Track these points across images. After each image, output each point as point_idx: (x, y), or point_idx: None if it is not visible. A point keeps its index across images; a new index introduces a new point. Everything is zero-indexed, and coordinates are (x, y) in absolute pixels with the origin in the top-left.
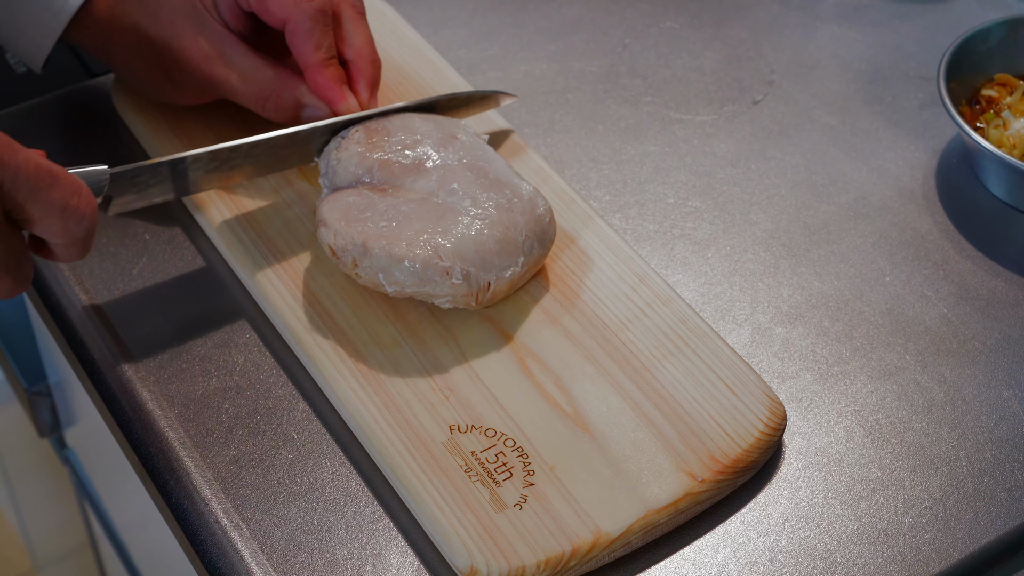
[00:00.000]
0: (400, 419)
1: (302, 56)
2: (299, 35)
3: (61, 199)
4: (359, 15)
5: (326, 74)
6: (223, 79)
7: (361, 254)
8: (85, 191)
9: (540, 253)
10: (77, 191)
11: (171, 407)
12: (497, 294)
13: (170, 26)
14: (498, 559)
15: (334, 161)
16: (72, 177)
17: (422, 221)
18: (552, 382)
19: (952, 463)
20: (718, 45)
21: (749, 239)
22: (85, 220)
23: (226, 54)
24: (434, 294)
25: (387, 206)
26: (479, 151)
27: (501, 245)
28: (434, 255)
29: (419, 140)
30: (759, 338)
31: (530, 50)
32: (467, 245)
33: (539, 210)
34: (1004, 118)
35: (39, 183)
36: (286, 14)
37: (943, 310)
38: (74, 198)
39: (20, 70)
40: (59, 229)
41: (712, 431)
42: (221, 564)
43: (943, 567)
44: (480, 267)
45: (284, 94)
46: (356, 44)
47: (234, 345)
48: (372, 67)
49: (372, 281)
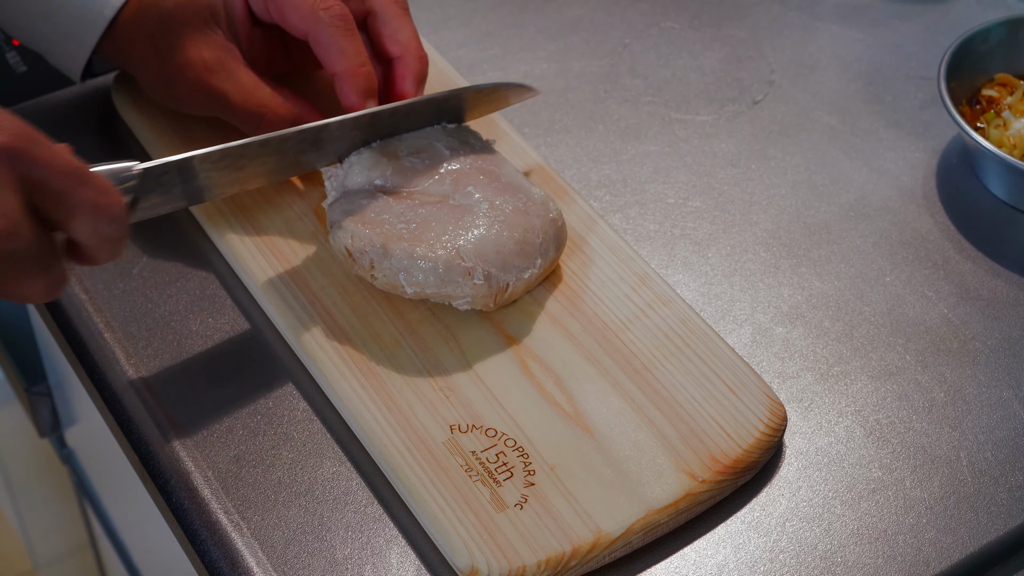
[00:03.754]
0: (401, 419)
1: (327, 65)
2: (322, 44)
3: (91, 198)
4: (403, 11)
5: (351, 84)
6: (219, 92)
7: (380, 256)
8: (114, 191)
9: (554, 255)
10: (107, 190)
11: (171, 407)
12: (514, 295)
13: (177, 36)
14: (499, 559)
15: (346, 164)
16: (100, 177)
17: (441, 223)
18: (553, 382)
19: (952, 463)
20: (718, 45)
21: (749, 239)
22: (116, 220)
23: (227, 68)
24: (454, 295)
25: (404, 208)
26: (490, 156)
27: (520, 246)
28: (456, 256)
29: (431, 144)
30: (759, 338)
31: (530, 50)
32: (487, 246)
33: (552, 213)
34: (1004, 118)
35: (69, 181)
36: (306, 24)
37: (943, 310)
38: (104, 197)
39: (20, 70)
40: (90, 229)
41: (712, 431)
42: (221, 564)
43: (943, 567)
44: (501, 268)
45: (280, 112)
46: (402, 40)
47: (234, 344)
48: (419, 63)
49: (391, 283)
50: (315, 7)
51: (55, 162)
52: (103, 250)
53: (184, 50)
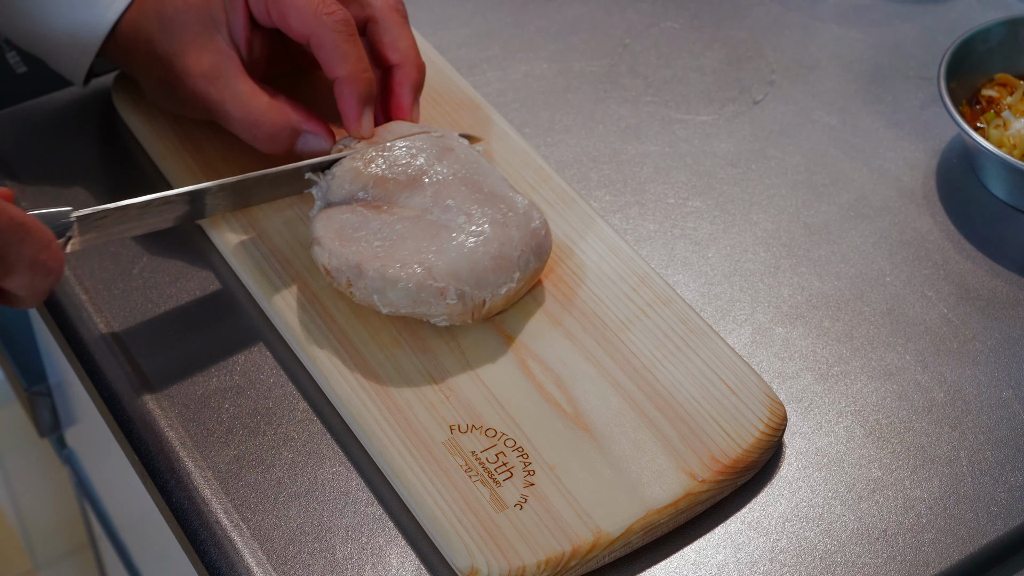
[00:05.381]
0: (400, 419)
1: (328, 70)
2: (324, 49)
3: (31, 254)
4: (402, 19)
5: (352, 90)
6: (217, 100)
7: (356, 275)
8: (54, 245)
9: (536, 267)
10: (47, 244)
11: (171, 407)
12: (493, 309)
13: (177, 42)
14: (498, 559)
15: (329, 176)
16: (42, 229)
17: (416, 240)
18: (552, 382)
19: (952, 463)
20: (718, 45)
21: (749, 239)
22: (52, 275)
23: (225, 76)
24: (429, 313)
25: (381, 224)
26: (474, 164)
27: (496, 262)
28: (428, 276)
29: (414, 154)
30: (759, 338)
31: (530, 50)
32: (461, 264)
33: (534, 223)
34: (1004, 118)
35: (11, 236)
36: (308, 29)
37: (943, 310)
38: (44, 252)
39: (20, 70)
40: (26, 283)
41: (712, 431)
42: (221, 564)
43: (943, 567)
44: (475, 285)
45: (279, 121)
46: (402, 48)
47: (234, 345)
48: (417, 72)
49: (366, 301)
50: (318, 11)
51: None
52: (34, 300)
53: (183, 57)
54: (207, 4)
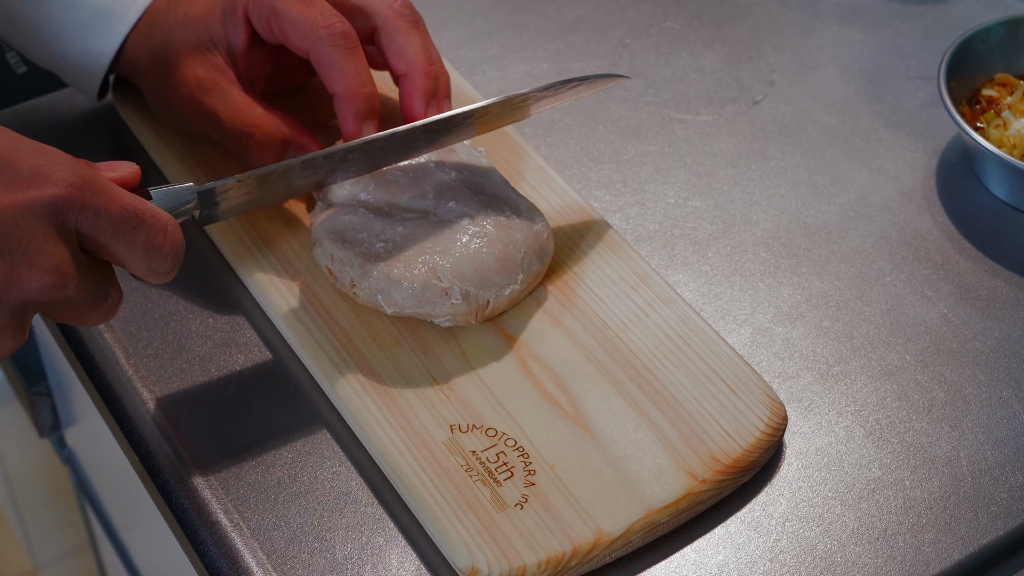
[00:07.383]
0: (401, 419)
1: (327, 85)
2: (322, 64)
3: (145, 240)
4: (409, 25)
5: (349, 106)
6: (210, 110)
7: (359, 276)
8: (171, 228)
9: (539, 269)
10: (162, 229)
11: (171, 407)
12: (496, 310)
13: (175, 54)
14: (499, 559)
15: None
16: (157, 215)
17: (420, 241)
18: (553, 382)
19: (952, 463)
20: (718, 45)
21: (749, 239)
22: (169, 259)
23: (219, 87)
24: (433, 314)
25: (384, 226)
26: (476, 166)
27: (500, 263)
28: (432, 276)
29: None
30: (759, 338)
31: (530, 50)
32: (466, 264)
33: (537, 226)
34: (1004, 118)
35: (123, 225)
36: (307, 44)
37: (943, 310)
38: (159, 237)
39: (20, 70)
40: (142, 267)
41: (713, 431)
42: (221, 564)
43: (943, 567)
44: (479, 286)
45: (270, 131)
46: (409, 56)
47: (234, 344)
48: (426, 79)
49: (370, 302)
50: (315, 25)
51: (109, 208)
52: (155, 279)
53: (179, 67)
54: (206, 21)
